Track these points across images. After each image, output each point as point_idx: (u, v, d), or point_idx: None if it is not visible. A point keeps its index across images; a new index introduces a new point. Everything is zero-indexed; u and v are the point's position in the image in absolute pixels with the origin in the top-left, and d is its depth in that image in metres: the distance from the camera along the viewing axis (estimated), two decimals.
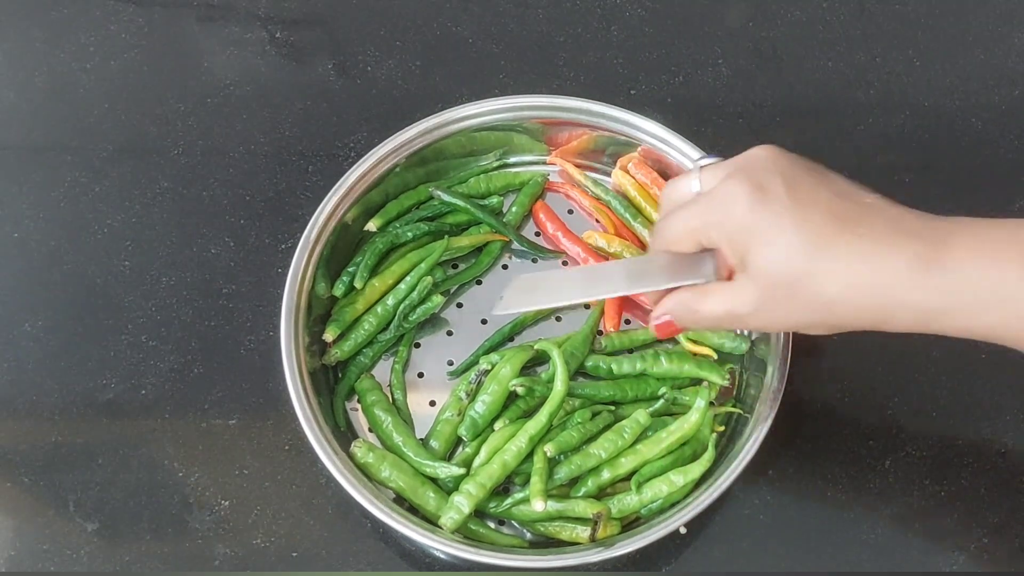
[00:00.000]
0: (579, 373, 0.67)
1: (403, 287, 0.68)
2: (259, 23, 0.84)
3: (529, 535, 0.63)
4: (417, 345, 0.69)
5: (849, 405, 0.68)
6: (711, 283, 0.55)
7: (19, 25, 0.83)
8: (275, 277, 0.70)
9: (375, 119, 0.78)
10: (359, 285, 0.68)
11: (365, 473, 0.62)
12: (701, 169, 0.56)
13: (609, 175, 0.74)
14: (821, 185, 0.52)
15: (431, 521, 0.61)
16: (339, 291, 0.68)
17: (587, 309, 0.70)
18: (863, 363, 0.68)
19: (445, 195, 0.71)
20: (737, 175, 0.53)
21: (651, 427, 0.63)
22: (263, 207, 0.75)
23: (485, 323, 0.70)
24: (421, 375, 0.68)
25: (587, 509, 0.60)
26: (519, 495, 0.61)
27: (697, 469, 0.61)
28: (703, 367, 0.65)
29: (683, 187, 0.57)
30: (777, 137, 0.78)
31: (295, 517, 0.64)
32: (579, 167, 0.74)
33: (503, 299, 0.60)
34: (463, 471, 0.62)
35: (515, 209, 0.73)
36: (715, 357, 0.67)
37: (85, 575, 0.62)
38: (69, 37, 0.83)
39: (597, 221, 0.73)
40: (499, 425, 0.63)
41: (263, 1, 0.85)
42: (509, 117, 0.72)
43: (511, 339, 0.69)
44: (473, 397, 0.64)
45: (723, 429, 0.65)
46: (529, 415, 0.64)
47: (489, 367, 0.65)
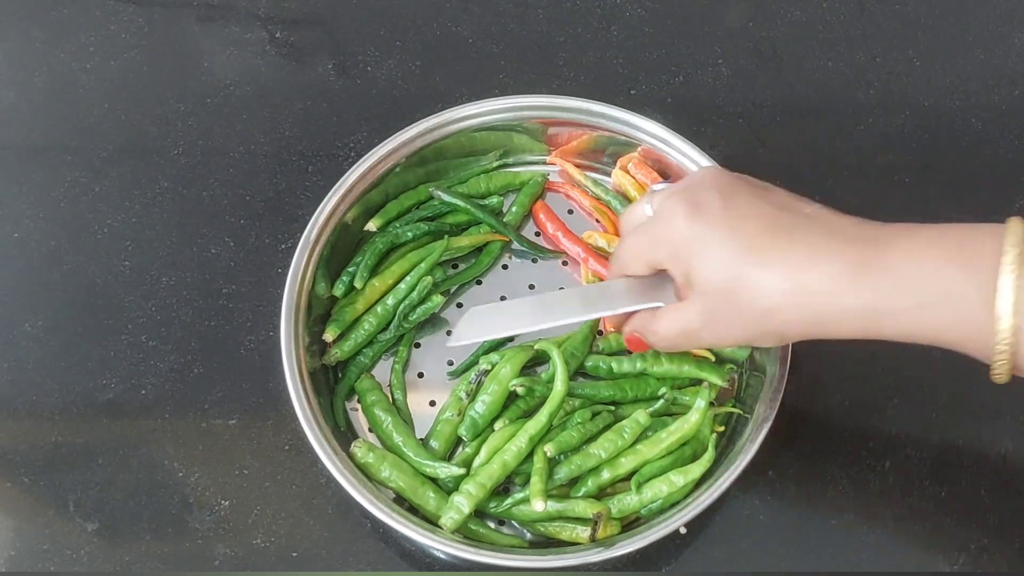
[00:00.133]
0: (579, 373, 0.67)
1: (403, 287, 0.68)
2: (259, 23, 0.84)
3: (529, 535, 0.63)
4: (417, 345, 0.69)
5: (849, 406, 0.68)
6: (668, 304, 0.57)
7: (19, 25, 0.83)
8: (275, 277, 0.70)
9: (375, 119, 0.78)
10: (359, 285, 0.68)
11: (365, 473, 0.62)
12: (652, 193, 0.58)
13: (609, 175, 0.74)
14: (760, 199, 0.53)
15: (431, 521, 0.61)
16: (339, 291, 0.68)
17: None
18: (863, 364, 0.68)
19: (445, 195, 0.71)
20: (677, 194, 0.55)
21: (651, 427, 0.63)
22: (263, 207, 0.75)
23: None
24: (421, 375, 0.68)
25: (587, 509, 0.60)
26: (519, 495, 0.61)
27: (697, 469, 0.61)
28: (703, 368, 0.65)
29: (637, 212, 0.59)
30: (777, 137, 0.79)
31: (295, 517, 0.64)
32: (579, 167, 0.74)
33: (455, 331, 0.62)
34: (463, 471, 0.62)
35: (515, 209, 0.73)
36: (714, 359, 0.67)
37: (85, 575, 0.62)
38: (69, 37, 0.83)
39: (597, 221, 0.73)
40: (499, 425, 0.63)
41: (263, 1, 0.85)
42: (509, 117, 0.72)
43: (511, 339, 0.69)
44: (473, 397, 0.64)
45: (723, 429, 0.65)
46: (529, 415, 0.64)
47: (489, 367, 0.65)
